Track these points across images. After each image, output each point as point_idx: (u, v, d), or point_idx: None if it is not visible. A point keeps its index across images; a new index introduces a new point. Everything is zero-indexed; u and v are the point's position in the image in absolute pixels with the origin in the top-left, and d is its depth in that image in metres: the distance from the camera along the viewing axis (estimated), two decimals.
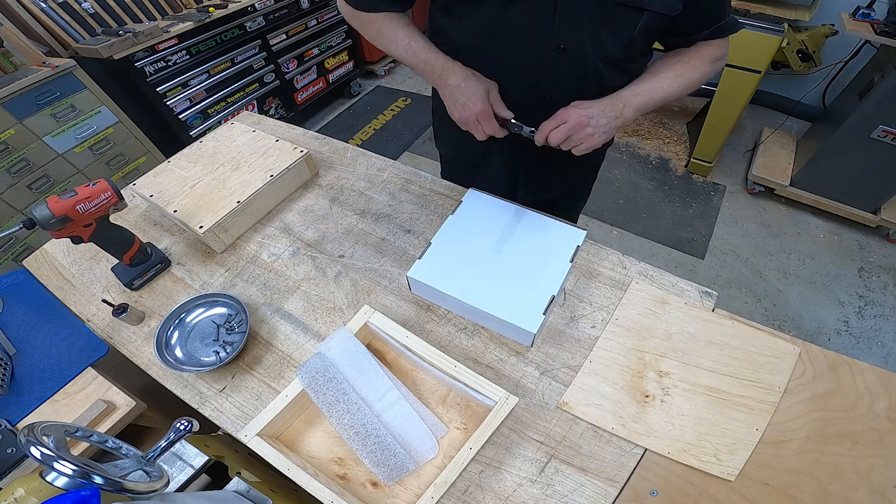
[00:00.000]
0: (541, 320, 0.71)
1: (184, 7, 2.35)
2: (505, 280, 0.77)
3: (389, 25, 0.79)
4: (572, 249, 0.79)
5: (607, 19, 0.70)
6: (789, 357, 0.70)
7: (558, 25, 0.70)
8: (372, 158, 1.09)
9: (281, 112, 2.75)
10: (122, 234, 0.83)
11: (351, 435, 0.64)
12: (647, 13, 0.68)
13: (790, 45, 2.21)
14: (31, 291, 0.88)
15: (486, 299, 0.74)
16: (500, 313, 0.72)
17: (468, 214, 0.87)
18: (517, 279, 0.77)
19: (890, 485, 0.59)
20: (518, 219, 0.86)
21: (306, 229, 0.95)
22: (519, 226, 0.85)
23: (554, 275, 0.77)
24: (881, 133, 1.81)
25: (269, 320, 0.81)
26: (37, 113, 1.75)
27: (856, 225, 2.17)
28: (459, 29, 0.78)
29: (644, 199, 2.37)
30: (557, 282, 0.76)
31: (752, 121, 2.77)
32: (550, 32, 0.71)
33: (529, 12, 0.70)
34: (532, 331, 0.71)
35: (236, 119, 1.21)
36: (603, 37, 0.72)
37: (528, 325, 0.71)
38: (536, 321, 0.71)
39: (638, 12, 0.69)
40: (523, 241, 0.82)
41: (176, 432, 0.53)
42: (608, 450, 0.64)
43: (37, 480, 0.40)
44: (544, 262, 0.79)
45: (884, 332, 1.81)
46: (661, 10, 0.68)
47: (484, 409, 0.68)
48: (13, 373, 0.75)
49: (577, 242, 0.80)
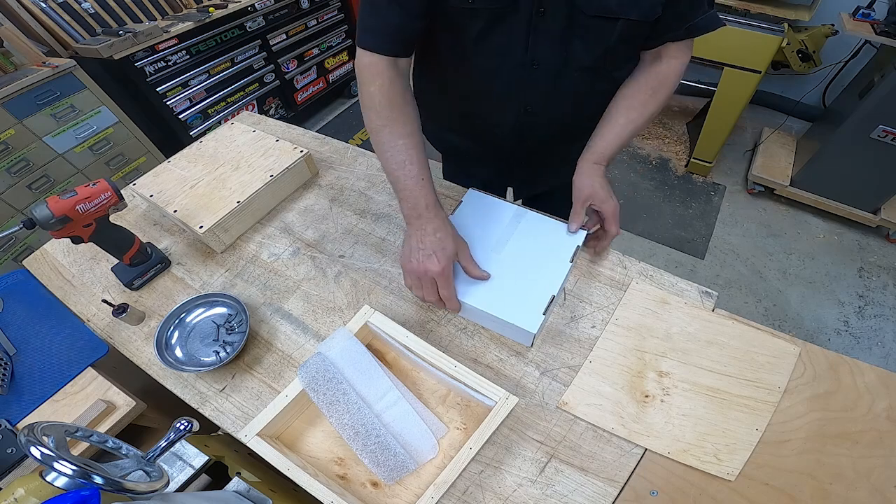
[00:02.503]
0: (541, 320, 0.71)
1: (184, 7, 2.35)
2: (505, 280, 0.77)
3: (392, 124, 0.70)
4: (572, 249, 0.79)
5: (581, 32, 0.70)
6: (789, 357, 0.70)
7: (532, 43, 0.71)
8: (372, 158, 1.09)
9: (281, 112, 2.75)
10: (122, 234, 0.83)
11: (351, 435, 0.64)
12: (623, 21, 0.67)
13: (790, 45, 2.21)
14: (31, 291, 0.88)
15: (486, 299, 0.74)
16: (500, 313, 0.72)
17: (468, 214, 0.87)
18: (517, 279, 0.77)
19: (890, 485, 0.59)
20: (518, 219, 0.86)
21: (306, 229, 0.95)
22: (519, 226, 0.85)
23: (554, 275, 0.77)
24: (881, 133, 1.81)
25: (269, 320, 0.81)
26: (37, 113, 1.75)
27: (856, 225, 2.18)
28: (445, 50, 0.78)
29: (644, 199, 2.37)
30: (557, 282, 0.76)
31: (752, 121, 2.77)
32: (525, 50, 0.72)
33: (507, 32, 0.71)
34: (532, 331, 0.70)
35: (236, 119, 1.21)
36: (577, 49, 0.72)
37: (527, 325, 0.71)
38: (536, 321, 0.71)
39: (612, 22, 0.68)
40: (523, 241, 0.82)
41: (176, 432, 0.53)
42: (608, 450, 0.64)
43: (37, 480, 0.40)
44: (544, 261, 0.78)
45: (884, 332, 1.82)
46: (638, 17, 0.67)
47: (484, 409, 0.68)
48: (13, 373, 0.75)
49: (578, 243, 0.80)
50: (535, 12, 0.67)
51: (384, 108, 0.70)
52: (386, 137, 0.70)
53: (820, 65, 2.29)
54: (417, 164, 0.70)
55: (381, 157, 0.72)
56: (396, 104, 0.71)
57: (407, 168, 0.69)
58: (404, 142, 0.70)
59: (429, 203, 0.70)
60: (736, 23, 1.89)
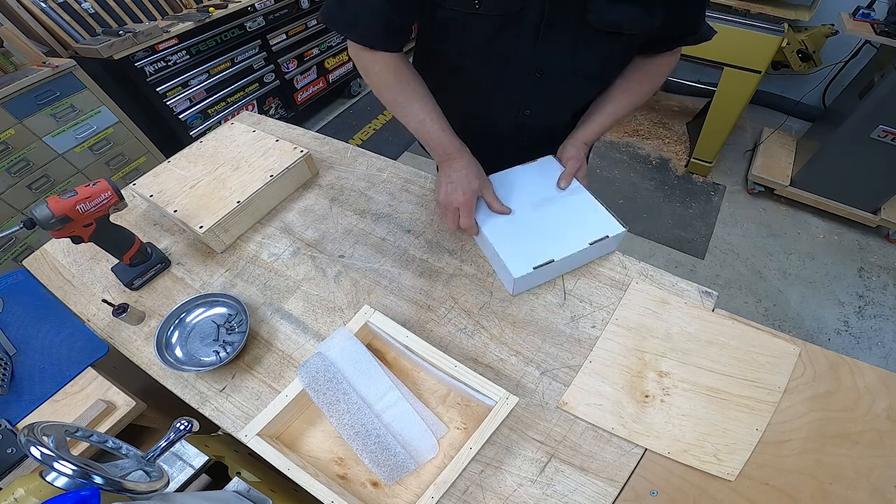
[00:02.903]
0: (527, 272, 0.75)
1: (184, 7, 2.35)
2: (524, 229, 0.81)
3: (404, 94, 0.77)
4: (599, 235, 0.80)
5: (586, 44, 0.72)
6: (789, 357, 0.70)
7: (539, 53, 0.73)
8: (372, 158, 1.09)
9: (281, 112, 2.75)
10: (122, 234, 0.83)
11: (351, 435, 0.64)
12: (627, 35, 0.71)
13: (790, 45, 2.21)
14: (31, 291, 0.88)
15: (496, 234, 0.80)
16: (500, 249, 0.78)
17: (534, 170, 0.90)
18: (534, 234, 0.80)
19: (890, 485, 0.59)
20: (572, 191, 0.87)
21: (306, 229, 0.95)
22: (567, 196, 0.86)
23: (567, 246, 0.78)
24: (881, 133, 1.81)
25: (270, 320, 0.81)
26: (37, 113, 1.75)
27: (856, 225, 2.17)
28: (448, 53, 0.80)
29: (644, 199, 2.37)
30: (565, 252, 0.77)
31: (752, 121, 2.77)
32: (532, 59, 0.74)
33: (514, 41, 0.72)
34: (514, 275, 0.74)
35: (236, 119, 1.21)
36: (582, 59, 0.75)
37: (514, 270, 0.75)
38: (523, 270, 0.75)
39: (617, 36, 0.71)
40: (563, 209, 0.84)
41: (176, 432, 0.53)
42: (608, 450, 0.64)
43: (37, 480, 0.40)
44: (568, 232, 0.80)
45: (884, 332, 1.82)
46: (639, 31, 0.70)
47: (484, 409, 0.68)
48: (13, 373, 0.75)
49: (609, 232, 0.80)
50: (543, 24, 0.68)
51: (393, 83, 0.76)
52: (402, 106, 0.78)
53: (820, 65, 2.29)
54: (436, 119, 0.78)
55: (405, 123, 0.80)
56: (403, 77, 0.77)
57: (427, 125, 0.78)
58: (419, 105, 0.77)
59: (454, 146, 0.79)
60: (736, 23, 1.89)
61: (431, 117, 0.78)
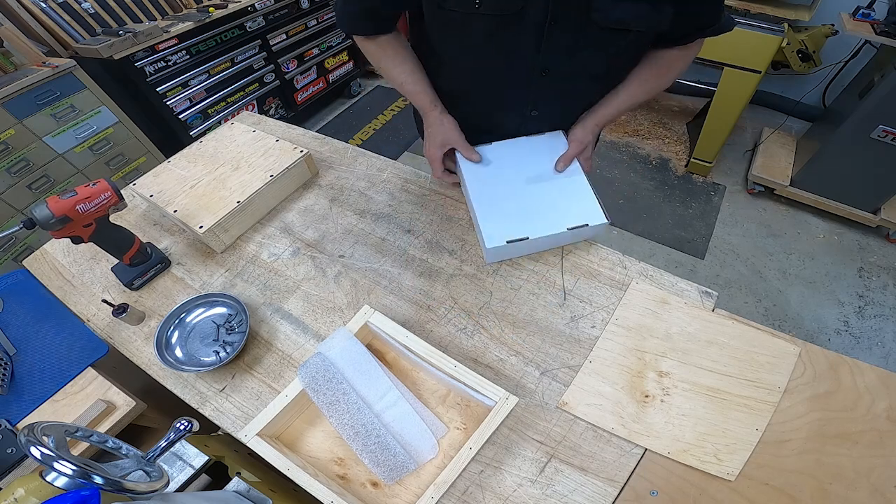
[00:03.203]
0: (500, 244, 0.77)
1: (184, 7, 2.35)
2: (507, 199, 0.83)
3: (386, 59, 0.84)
4: (580, 222, 0.80)
5: (592, 42, 0.71)
6: (789, 357, 0.70)
7: (543, 51, 0.72)
8: (372, 158, 1.09)
9: (281, 112, 2.75)
10: (122, 234, 0.83)
11: (351, 435, 0.64)
12: (634, 32, 0.69)
13: (790, 45, 2.21)
14: (31, 291, 0.88)
15: (480, 198, 0.83)
16: (480, 214, 0.81)
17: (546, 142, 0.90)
18: (518, 207, 0.82)
19: (890, 485, 0.59)
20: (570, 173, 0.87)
21: (306, 229, 0.95)
22: (562, 177, 0.86)
23: (544, 226, 0.80)
24: (881, 133, 1.81)
25: (269, 320, 0.81)
26: (37, 113, 1.75)
27: (856, 225, 2.17)
28: (449, 45, 0.79)
29: (644, 199, 2.37)
30: (542, 231, 0.79)
31: (752, 121, 2.77)
32: (535, 57, 0.74)
33: (516, 38, 0.72)
34: (488, 245, 0.77)
35: (236, 119, 1.21)
36: (588, 58, 0.74)
37: (488, 239, 0.78)
38: (497, 241, 0.78)
39: (623, 33, 0.69)
40: (553, 190, 0.85)
41: (176, 432, 0.53)
42: (608, 450, 0.64)
43: (37, 480, 0.40)
44: (553, 213, 0.81)
45: (884, 332, 1.82)
46: (646, 28, 0.68)
47: (484, 409, 0.68)
48: (13, 373, 0.75)
49: (589, 221, 0.80)
50: (547, 22, 0.68)
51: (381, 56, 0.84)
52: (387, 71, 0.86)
53: (820, 65, 2.29)
54: (414, 81, 0.85)
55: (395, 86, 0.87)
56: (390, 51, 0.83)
57: (407, 87, 0.85)
58: (399, 69, 0.84)
59: (426, 103, 0.85)
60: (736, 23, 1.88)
61: (410, 79, 0.84)
